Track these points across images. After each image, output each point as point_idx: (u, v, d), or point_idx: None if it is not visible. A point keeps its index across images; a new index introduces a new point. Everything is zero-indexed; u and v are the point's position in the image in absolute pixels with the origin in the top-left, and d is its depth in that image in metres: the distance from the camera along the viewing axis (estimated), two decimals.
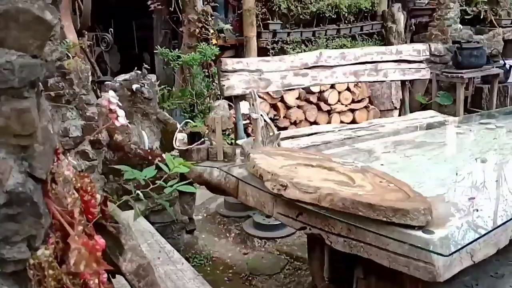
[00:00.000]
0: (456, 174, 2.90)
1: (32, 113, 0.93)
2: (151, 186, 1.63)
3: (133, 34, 9.54)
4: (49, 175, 1.06)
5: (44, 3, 0.95)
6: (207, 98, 6.15)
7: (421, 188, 2.53)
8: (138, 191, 1.57)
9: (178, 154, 3.77)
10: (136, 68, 5.53)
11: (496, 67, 6.74)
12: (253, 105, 3.61)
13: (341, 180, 2.61)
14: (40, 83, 1.02)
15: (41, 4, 0.94)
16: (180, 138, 3.91)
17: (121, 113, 1.42)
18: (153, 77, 4.14)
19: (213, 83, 6.17)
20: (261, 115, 3.58)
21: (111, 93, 1.40)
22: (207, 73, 6.18)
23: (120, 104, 1.41)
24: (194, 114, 6.14)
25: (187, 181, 1.82)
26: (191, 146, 3.64)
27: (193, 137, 3.71)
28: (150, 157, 3.64)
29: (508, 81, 6.91)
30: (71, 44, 3.47)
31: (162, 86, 5.99)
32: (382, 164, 3.08)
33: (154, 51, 6.56)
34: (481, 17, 7.66)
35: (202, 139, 3.72)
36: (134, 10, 8.32)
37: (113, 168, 3.68)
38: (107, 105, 1.37)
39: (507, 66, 6.87)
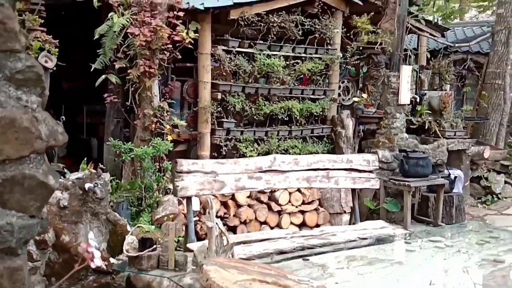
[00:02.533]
0: None
1: (23, 271, 0.92)
2: None
3: (83, 119, 9.42)
4: None
5: (47, 168, 0.98)
6: (156, 192, 6.02)
7: None
8: None
9: (127, 259, 3.60)
10: (85, 159, 5.41)
11: (441, 177, 6.99)
12: (209, 213, 3.54)
13: None
14: None
15: (45, 169, 0.98)
16: (129, 241, 3.75)
17: (97, 254, 1.34)
18: (106, 176, 4.02)
19: (164, 177, 6.08)
20: (217, 223, 3.50)
21: (91, 234, 1.32)
22: (158, 167, 6.10)
23: (98, 245, 1.33)
24: (142, 208, 5.97)
25: None
26: (142, 253, 3.49)
27: (144, 242, 3.57)
28: None
29: (453, 191, 7.15)
30: None
31: (110, 178, 5.84)
32: (336, 283, 3.04)
33: (106, 143, 6.46)
34: (426, 127, 8.06)
35: (154, 246, 3.57)
36: (86, 95, 8.29)
37: (55, 270, 3.46)
38: (86, 247, 1.29)
39: (452, 176, 7.14)
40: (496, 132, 9.58)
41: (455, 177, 7.19)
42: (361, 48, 7.74)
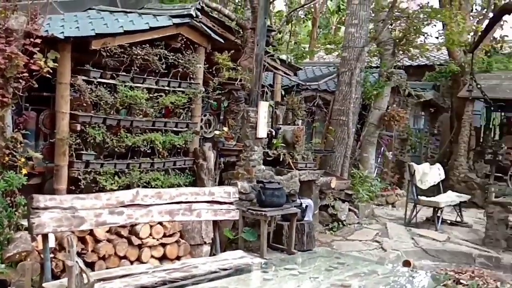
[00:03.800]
0: None
1: None
2: None
3: None
4: None
5: None
6: (7, 229, 5.65)
7: None
8: None
9: None
10: None
11: (294, 206, 7.50)
12: (69, 251, 3.45)
13: None
14: None
15: None
16: None
17: None
18: None
19: (16, 213, 5.73)
20: (77, 261, 3.42)
21: None
22: (10, 202, 5.73)
23: None
24: None
25: None
26: None
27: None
28: None
29: (305, 219, 7.70)
30: None
31: None
32: None
33: None
34: (281, 159, 8.59)
35: None
36: None
37: None
38: None
39: (303, 205, 7.69)
40: (341, 163, 10.52)
41: (306, 206, 7.76)
42: (222, 83, 8.07)
